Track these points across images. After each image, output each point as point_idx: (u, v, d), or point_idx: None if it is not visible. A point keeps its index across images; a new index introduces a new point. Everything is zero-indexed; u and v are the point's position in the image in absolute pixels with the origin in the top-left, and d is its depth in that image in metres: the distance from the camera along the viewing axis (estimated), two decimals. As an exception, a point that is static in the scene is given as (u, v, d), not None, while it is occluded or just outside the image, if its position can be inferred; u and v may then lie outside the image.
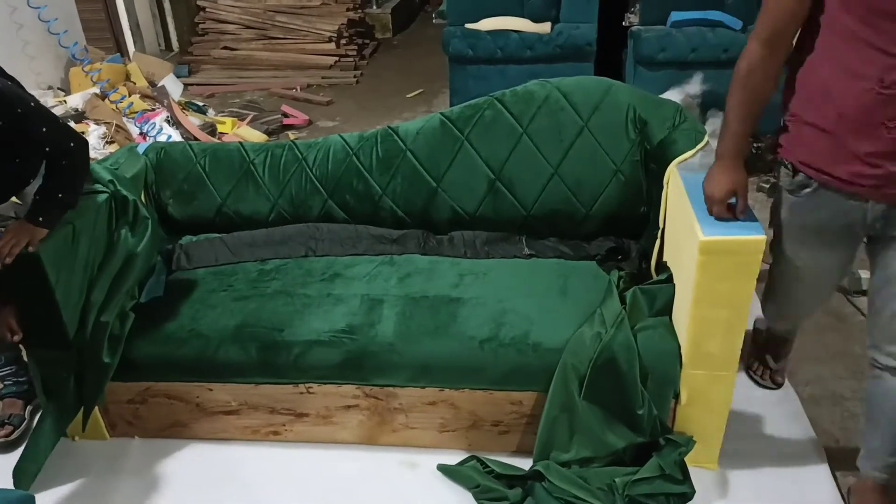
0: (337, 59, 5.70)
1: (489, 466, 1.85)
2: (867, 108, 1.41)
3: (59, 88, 4.53)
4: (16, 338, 1.78)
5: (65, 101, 4.15)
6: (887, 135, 1.41)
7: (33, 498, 0.88)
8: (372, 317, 1.90)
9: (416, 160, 2.27)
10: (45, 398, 1.91)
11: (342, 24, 5.78)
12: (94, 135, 3.70)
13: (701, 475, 1.78)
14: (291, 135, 4.49)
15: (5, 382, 2.11)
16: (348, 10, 5.95)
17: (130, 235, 2.06)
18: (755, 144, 3.60)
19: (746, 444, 1.93)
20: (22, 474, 1.86)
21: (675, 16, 3.73)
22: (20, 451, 1.90)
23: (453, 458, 1.92)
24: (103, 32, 5.09)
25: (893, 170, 1.44)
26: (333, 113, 4.92)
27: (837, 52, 1.44)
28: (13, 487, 1.85)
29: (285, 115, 4.70)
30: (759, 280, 1.57)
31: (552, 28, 3.91)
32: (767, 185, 3.39)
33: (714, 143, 1.69)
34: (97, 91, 4.19)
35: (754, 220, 1.60)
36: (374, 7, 6.69)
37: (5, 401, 2.10)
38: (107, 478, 1.94)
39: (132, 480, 1.93)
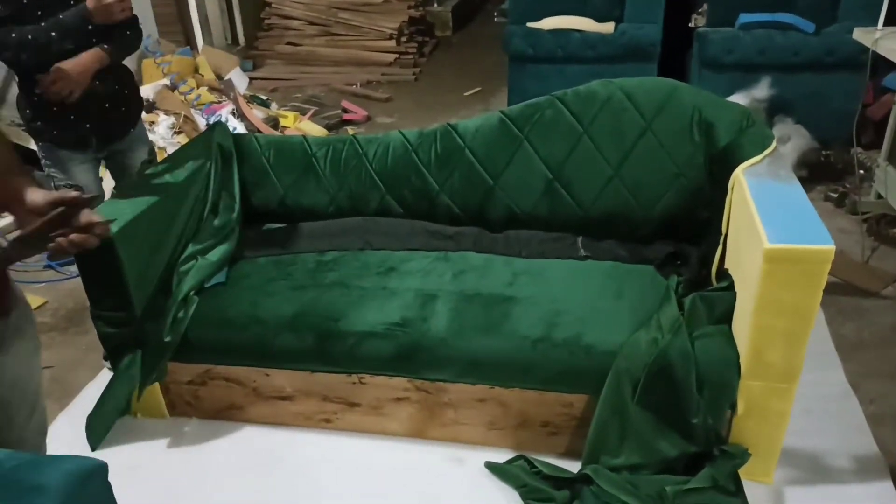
0: (397, 56, 5.76)
1: (536, 467, 1.84)
2: None
3: (131, 79, 4.71)
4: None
5: (136, 92, 4.31)
6: None
7: (106, 465, 0.93)
8: (425, 311, 1.92)
9: (474, 157, 2.27)
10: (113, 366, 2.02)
11: (403, 21, 5.84)
12: (163, 125, 3.84)
13: (755, 489, 1.73)
14: (350, 130, 4.56)
15: None
16: (410, 7, 6.01)
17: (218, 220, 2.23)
18: (823, 152, 3.48)
19: (804, 459, 1.87)
20: (91, 433, 2.01)
21: (744, 17, 3.61)
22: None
23: (501, 456, 1.92)
24: (174, 26, 5.28)
25: None
26: (392, 109, 4.97)
27: None
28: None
29: (345, 111, 4.78)
30: (825, 291, 1.52)
31: (615, 28, 3.86)
32: (835, 195, 3.26)
33: (782, 149, 1.65)
34: (167, 83, 4.35)
35: (823, 228, 1.55)
36: (436, 5, 6.73)
37: None
38: (163, 455, 2.01)
39: (187, 459, 2.00)
